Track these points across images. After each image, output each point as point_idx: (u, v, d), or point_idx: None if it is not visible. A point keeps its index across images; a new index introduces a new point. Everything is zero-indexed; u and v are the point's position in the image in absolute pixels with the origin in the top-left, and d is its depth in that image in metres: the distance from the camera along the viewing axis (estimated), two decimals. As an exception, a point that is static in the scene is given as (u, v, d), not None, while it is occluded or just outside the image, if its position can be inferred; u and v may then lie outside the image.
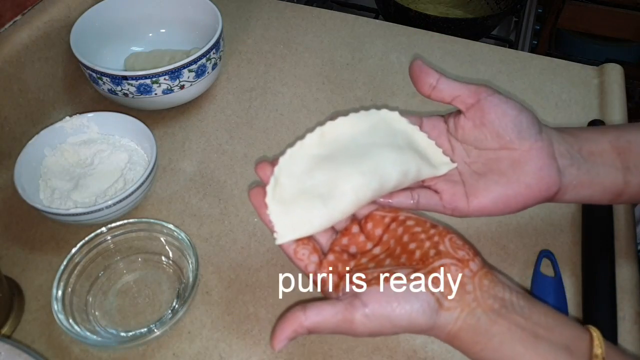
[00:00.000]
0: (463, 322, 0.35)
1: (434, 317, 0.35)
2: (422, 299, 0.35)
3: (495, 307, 0.34)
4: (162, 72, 0.59)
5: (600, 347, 0.33)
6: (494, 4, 0.99)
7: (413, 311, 0.35)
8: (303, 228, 0.38)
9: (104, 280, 0.50)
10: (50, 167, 0.56)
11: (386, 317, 0.35)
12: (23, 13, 0.63)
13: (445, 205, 0.42)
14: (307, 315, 0.36)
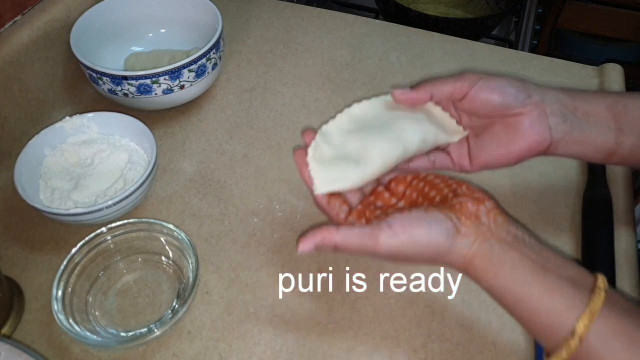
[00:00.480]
0: (477, 248, 0.37)
1: (451, 240, 0.38)
2: (441, 222, 0.38)
3: (507, 239, 0.37)
4: (162, 72, 0.59)
5: (603, 283, 0.35)
6: (494, 4, 0.99)
7: (432, 231, 0.38)
8: (337, 183, 0.42)
9: (104, 280, 0.50)
10: (50, 167, 0.56)
11: (408, 236, 0.38)
12: (23, 13, 0.63)
13: (454, 163, 0.47)
14: (339, 230, 0.39)
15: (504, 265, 0.37)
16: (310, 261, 0.53)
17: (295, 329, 0.48)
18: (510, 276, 0.37)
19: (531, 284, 0.36)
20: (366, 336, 0.48)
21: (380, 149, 0.43)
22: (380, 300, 0.50)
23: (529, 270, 0.36)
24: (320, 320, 0.49)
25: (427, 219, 0.38)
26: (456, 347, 0.47)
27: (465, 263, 0.39)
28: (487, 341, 0.48)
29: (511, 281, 0.37)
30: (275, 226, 0.56)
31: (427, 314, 0.49)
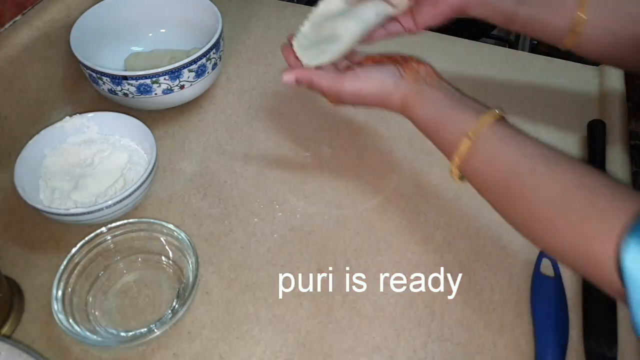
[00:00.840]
0: (412, 88, 0.49)
1: (396, 82, 0.50)
2: (391, 70, 0.51)
3: (435, 85, 0.49)
4: (162, 72, 0.59)
5: (500, 111, 0.44)
6: (494, 4, 0.98)
7: (384, 74, 0.50)
8: (320, 58, 0.52)
9: (104, 280, 0.50)
10: (50, 167, 0.56)
11: (367, 78, 0.50)
12: (23, 13, 0.63)
13: (405, 28, 0.57)
14: (316, 70, 0.51)
15: (428, 99, 0.48)
16: (310, 261, 0.53)
17: (295, 329, 0.48)
18: (432, 107, 0.48)
19: (445, 110, 0.46)
20: (366, 336, 0.48)
21: (347, 27, 0.53)
22: (380, 300, 0.50)
23: (446, 103, 0.47)
24: (320, 320, 0.49)
25: (381, 68, 0.51)
26: (456, 347, 0.47)
27: (402, 103, 0.49)
28: (487, 341, 0.48)
29: (431, 111, 0.47)
30: (275, 226, 0.56)
31: (427, 314, 0.49)
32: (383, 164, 0.62)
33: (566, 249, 0.38)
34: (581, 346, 0.47)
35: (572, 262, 0.39)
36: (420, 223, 0.56)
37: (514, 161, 0.41)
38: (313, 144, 0.64)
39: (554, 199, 0.38)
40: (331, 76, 0.51)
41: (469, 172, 0.45)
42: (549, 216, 0.39)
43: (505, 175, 0.42)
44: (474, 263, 0.53)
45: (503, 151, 0.42)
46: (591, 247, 0.36)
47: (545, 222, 0.39)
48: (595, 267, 0.36)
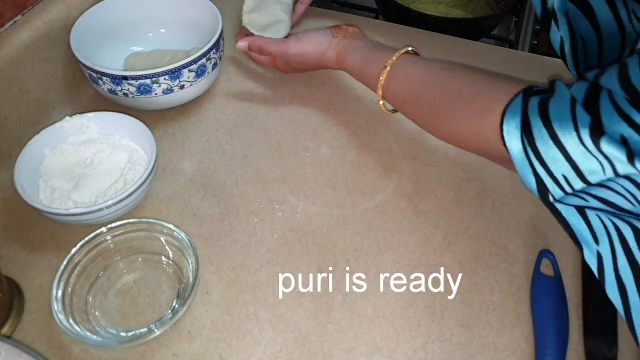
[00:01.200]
0: (342, 42, 0.63)
1: (330, 40, 0.64)
2: (326, 32, 0.65)
3: (361, 39, 0.63)
4: (162, 72, 0.59)
5: (415, 50, 0.57)
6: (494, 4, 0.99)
7: (320, 34, 0.65)
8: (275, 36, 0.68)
9: (104, 280, 0.50)
10: (50, 167, 0.56)
11: (307, 39, 0.64)
12: (23, 13, 0.63)
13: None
14: (264, 39, 0.67)
15: (354, 49, 0.61)
16: (310, 261, 0.53)
17: (295, 329, 0.48)
18: (358, 54, 0.60)
19: (368, 54, 0.59)
20: (366, 336, 0.48)
21: (282, 11, 0.69)
22: (380, 300, 0.50)
23: (369, 49, 0.60)
24: (320, 320, 0.49)
25: (317, 31, 0.65)
26: (456, 347, 0.47)
27: (337, 56, 0.63)
28: (487, 341, 0.48)
29: (358, 57, 0.60)
30: (275, 226, 0.56)
31: (427, 314, 0.49)
32: (383, 164, 0.62)
33: (464, 134, 0.47)
34: (581, 346, 0.47)
35: (470, 145, 0.47)
36: (420, 223, 0.56)
37: (421, 77, 0.52)
38: (313, 144, 0.64)
39: (451, 96, 0.48)
40: (277, 41, 0.65)
41: (390, 96, 0.56)
42: (448, 110, 0.48)
43: (416, 89, 0.52)
44: (474, 263, 0.53)
45: (412, 71, 0.53)
46: (481, 127, 0.44)
47: (446, 116, 0.49)
48: (487, 144, 0.43)
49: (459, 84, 0.48)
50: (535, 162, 0.38)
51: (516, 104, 0.40)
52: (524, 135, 0.39)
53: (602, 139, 0.34)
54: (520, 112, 0.39)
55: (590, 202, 0.37)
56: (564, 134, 0.36)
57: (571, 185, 0.37)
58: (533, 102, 0.39)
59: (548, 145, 0.37)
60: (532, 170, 0.38)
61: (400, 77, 0.54)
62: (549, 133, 0.37)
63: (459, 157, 0.62)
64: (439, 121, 0.50)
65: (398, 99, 0.55)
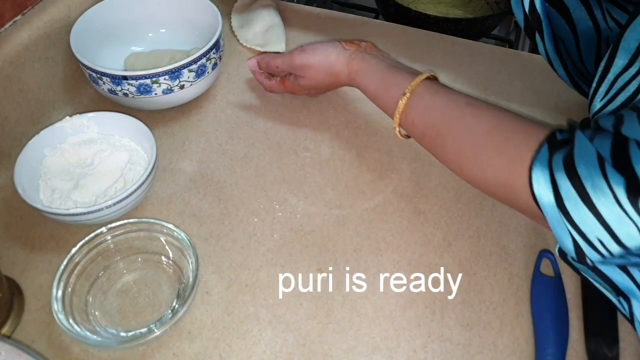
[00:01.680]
0: (355, 56, 0.58)
1: (340, 52, 0.59)
2: (334, 43, 0.61)
3: (375, 54, 0.58)
4: (162, 72, 0.59)
5: (432, 73, 0.52)
6: (494, 4, 0.99)
7: (327, 46, 0.60)
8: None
9: (104, 280, 0.50)
10: (50, 167, 0.56)
11: (312, 50, 0.61)
12: (23, 13, 0.63)
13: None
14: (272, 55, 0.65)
15: (370, 66, 0.56)
16: (310, 261, 0.53)
17: (295, 329, 0.48)
18: (373, 72, 0.56)
19: (385, 74, 0.54)
20: (366, 336, 0.48)
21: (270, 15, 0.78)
22: (380, 300, 0.50)
23: (385, 68, 0.55)
24: (320, 320, 0.49)
25: (324, 43, 0.61)
26: (456, 347, 0.47)
27: (348, 70, 0.58)
28: (487, 341, 0.48)
29: (373, 75, 0.56)
30: (275, 226, 0.56)
31: (427, 314, 0.49)
32: (383, 164, 0.62)
33: (489, 181, 0.43)
34: (581, 346, 0.47)
35: (496, 193, 0.44)
36: (420, 223, 0.56)
37: (445, 111, 0.48)
38: (313, 144, 0.64)
39: (478, 139, 0.44)
40: (282, 55, 0.63)
41: (407, 125, 0.52)
42: (474, 154, 0.44)
43: (439, 124, 0.48)
44: (474, 263, 0.53)
45: (435, 103, 0.49)
46: (509, 177, 0.40)
47: (471, 159, 0.45)
48: (515, 195, 0.40)
49: (487, 125, 0.44)
50: (566, 223, 0.35)
51: (542, 157, 0.37)
52: (555, 192, 0.36)
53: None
54: (547, 167, 0.36)
55: (631, 260, 0.35)
56: (597, 195, 0.33)
57: (608, 249, 0.34)
58: (557, 158, 0.36)
59: (578, 206, 0.34)
60: (568, 231, 0.35)
61: (420, 107, 0.50)
62: (578, 193, 0.34)
63: (459, 157, 0.62)
64: (462, 162, 0.46)
65: (417, 130, 0.51)
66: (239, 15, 0.82)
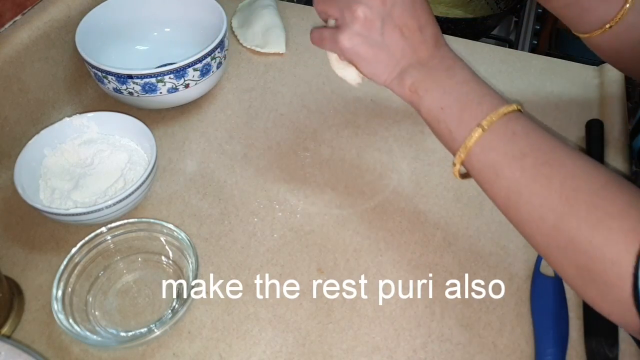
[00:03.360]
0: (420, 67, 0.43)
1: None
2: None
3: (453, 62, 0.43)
4: (167, 71, 0.59)
5: (511, 107, 0.39)
6: (494, 4, 0.99)
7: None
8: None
9: (104, 280, 0.50)
10: (50, 167, 0.56)
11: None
12: (23, 13, 0.63)
13: None
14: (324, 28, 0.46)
15: (437, 80, 0.42)
16: (310, 261, 0.53)
17: (295, 329, 0.48)
18: (440, 90, 0.41)
19: (457, 89, 0.41)
20: (366, 336, 0.48)
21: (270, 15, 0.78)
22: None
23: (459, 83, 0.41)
24: (320, 320, 0.49)
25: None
26: (456, 347, 0.47)
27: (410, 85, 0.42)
28: (487, 341, 0.48)
29: (441, 95, 0.41)
30: (275, 226, 0.56)
31: (427, 314, 0.49)
32: (383, 164, 0.62)
33: (592, 249, 0.33)
34: (581, 346, 0.47)
35: (593, 272, 0.33)
36: (420, 223, 0.56)
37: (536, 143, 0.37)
38: (313, 144, 0.64)
39: (593, 187, 0.34)
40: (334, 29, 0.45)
41: (473, 165, 0.40)
42: (586, 203, 0.33)
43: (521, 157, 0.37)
44: (474, 263, 0.53)
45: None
46: (625, 255, 0.31)
47: (579, 211, 0.33)
48: (620, 282, 0.31)
49: (606, 179, 0.34)
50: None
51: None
52: None
53: None
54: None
55: None
56: None
57: None
58: None
59: None
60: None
61: (494, 149, 0.38)
62: None
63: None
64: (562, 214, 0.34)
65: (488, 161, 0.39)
66: (239, 15, 0.82)
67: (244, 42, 0.77)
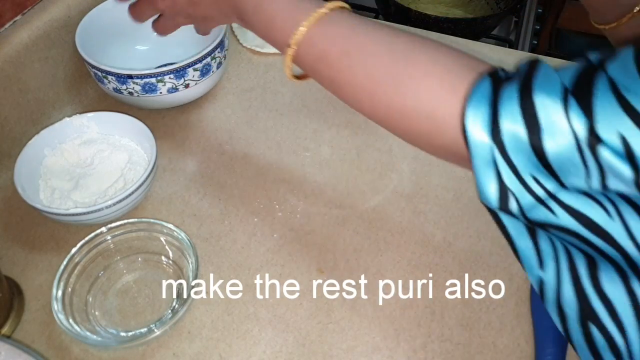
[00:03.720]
0: None
1: None
2: None
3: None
4: (168, 71, 0.59)
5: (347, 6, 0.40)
6: (494, 4, 0.99)
7: None
8: None
9: (104, 280, 0.50)
10: (50, 167, 0.56)
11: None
12: (23, 13, 0.63)
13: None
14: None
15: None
16: (310, 261, 0.53)
17: (295, 329, 0.48)
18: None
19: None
20: (366, 336, 0.48)
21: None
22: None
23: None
24: (320, 320, 0.49)
25: None
26: (456, 347, 0.47)
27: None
28: (487, 341, 0.48)
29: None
30: (275, 226, 0.56)
31: (427, 314, 0.49)
32: (383, 164, 0.62)
33: (408, 111, 0.35)
34: (581, 346, 0.47)
35: (412, 128, 0.36)
36: (420, 223, 0.56)
37: (356, 29, 0.38)
38: (313, 144, 0.64)
39: (399, 57, 0.36)
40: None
41: (304, 50, 0.40)
42: (393, 76, 0.36)
43: (344, 43, 0.38)
44: (474, 263, 0.53)
45: (345, 24, 0.39)
46: (435, 106, 0.34)
47: (389, 83, 0.36)
48: (437, 129, 0.34)
49: (412, 45, 0.37)
50: (500, 159, 0.30)
51: (483, 87, 0.31)
52: (494, 126, 0.30)
53: (599, 147, 0.27)
54: (488, 98, 0.31)
55: (559, 217, 0.30)
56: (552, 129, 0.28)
57: (543, 185, 0.29)
58: (509, 87, 0.30)
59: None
60: (496, 171, 0.30)
61: (327, 30, 0.39)
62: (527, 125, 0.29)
63: (459, 157, 0.62)
64: (375, 87, 0.37)
65: (315, 50, 0.39)
66: None
67: (244, 42, 0.77)
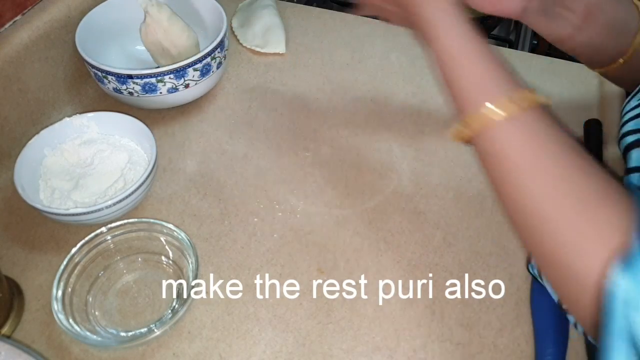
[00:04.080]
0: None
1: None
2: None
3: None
4: (167, 71, 0.59)
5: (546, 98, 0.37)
6: (494, 4, 0.98)
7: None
8: None
9: (104, 280, 0.50)
10: (50, 167, 0.56)
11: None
12: (23, 13, 0.63)
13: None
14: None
15: (463, 24, 0.43)
16: (310, 261, 0.53)
17: (295, 329, 0.48)
18: (468, 36, 0.43)
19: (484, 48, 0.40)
20: (366, 336, 0.48)
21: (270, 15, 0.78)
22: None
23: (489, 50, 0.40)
24: (320, 320, 0.49)
25: None
26: (456, 347, 0.47)
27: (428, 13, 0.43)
28: (487, 341, 0.48)
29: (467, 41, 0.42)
30: (275, 226, 0.56)
31: (427, 314, 0.49)
32: (383, 164, 0.62)
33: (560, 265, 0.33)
34: (581, 346, 0.47)
35: (551, 273, 0.34)
36: (420, 223, 0.56)
37: (542, 146, 0.35)
38: (313, 144, 0.64)
39: (580, 207, 0.32)
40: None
41: (484, 139, 0.36)
42: (569, 226, 0.32)
43: (522, 159, 0.35)
44: (474, 263, 0.53)
45: (528, 142, 0.35)
46: (578, 256, 0.31)
47: (559, 233, 0.33)
48: (573, 284, 0.32)
49: (605, 193, 0.32)
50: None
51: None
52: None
53: None
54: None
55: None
56: None
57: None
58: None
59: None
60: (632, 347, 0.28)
61: (510, 133, 0.35)
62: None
63: (459, 157, 0.62)
64: (539, 225, 0.33)
65: (489, 146, 0.36)
66: (239, 15, 0.82)
67: (244, 42, 0.77)
